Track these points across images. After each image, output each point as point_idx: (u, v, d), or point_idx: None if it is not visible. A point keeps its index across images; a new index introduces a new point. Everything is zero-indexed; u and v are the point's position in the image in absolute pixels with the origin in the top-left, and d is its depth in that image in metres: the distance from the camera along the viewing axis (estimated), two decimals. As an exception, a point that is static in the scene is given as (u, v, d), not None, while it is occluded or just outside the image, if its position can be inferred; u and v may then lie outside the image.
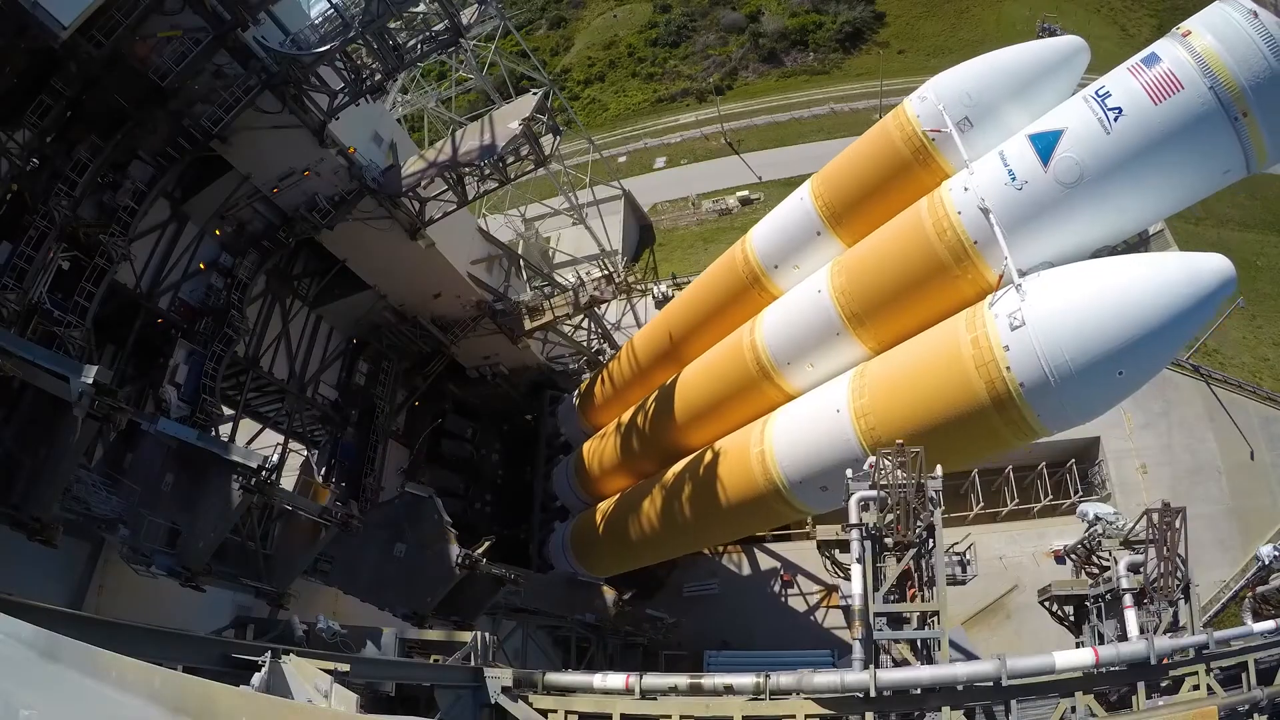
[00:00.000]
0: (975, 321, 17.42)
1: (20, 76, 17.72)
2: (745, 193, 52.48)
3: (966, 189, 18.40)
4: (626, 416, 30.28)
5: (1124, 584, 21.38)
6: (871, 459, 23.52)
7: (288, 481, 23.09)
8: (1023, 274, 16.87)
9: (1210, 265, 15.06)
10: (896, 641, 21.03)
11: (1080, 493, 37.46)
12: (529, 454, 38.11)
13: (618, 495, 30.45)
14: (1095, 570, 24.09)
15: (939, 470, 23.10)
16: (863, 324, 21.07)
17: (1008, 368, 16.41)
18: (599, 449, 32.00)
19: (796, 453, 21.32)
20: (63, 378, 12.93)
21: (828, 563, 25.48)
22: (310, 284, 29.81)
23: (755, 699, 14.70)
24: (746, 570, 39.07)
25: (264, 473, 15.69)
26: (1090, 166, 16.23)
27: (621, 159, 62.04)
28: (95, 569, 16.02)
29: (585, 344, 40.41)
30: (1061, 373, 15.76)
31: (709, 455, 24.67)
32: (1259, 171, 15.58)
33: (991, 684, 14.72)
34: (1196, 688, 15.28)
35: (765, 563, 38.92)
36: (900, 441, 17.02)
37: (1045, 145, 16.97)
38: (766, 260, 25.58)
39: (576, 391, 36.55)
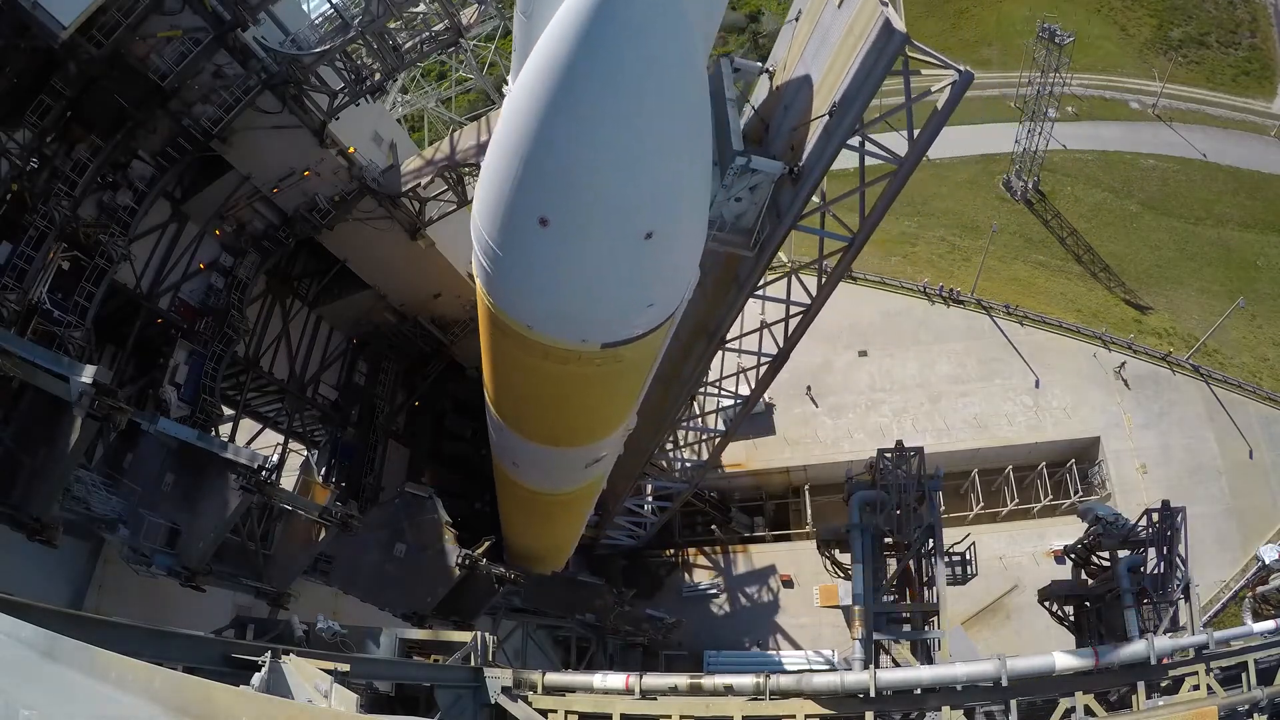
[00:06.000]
0: None
1: (20, 76, 17.71)
2: (745, 193, 52.42)
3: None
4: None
5: (1124, 584, 21.39)
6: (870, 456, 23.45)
7: (288, 481, 23.09)
8: None
9: None
10: (896, 641, 21.11)
11: (1080, 493, 37.51)
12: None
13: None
14: (1095, 570, 24.12)
15: (940, 470, 23.20)
16: None
17: (470, 274, 12.49)
18: None
19: None
20: (63, 378, 12.94)
21: (828, 563, 25.49)
22: (310, 284, 29.81)
23: (755, 699, 14.71)
24: (746, 570, 39.11)
25: (264, 473, 15.69)
26: None
27: (621, 159, 62.05)
28: (95, 569, 16.05)
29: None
30: (482, 247, 11.27)
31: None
32: None
33: (991, 684, 14.73)
34: (1196, 688, 15.28)
35: (765, 562, 38.96)
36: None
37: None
38: None
39: None
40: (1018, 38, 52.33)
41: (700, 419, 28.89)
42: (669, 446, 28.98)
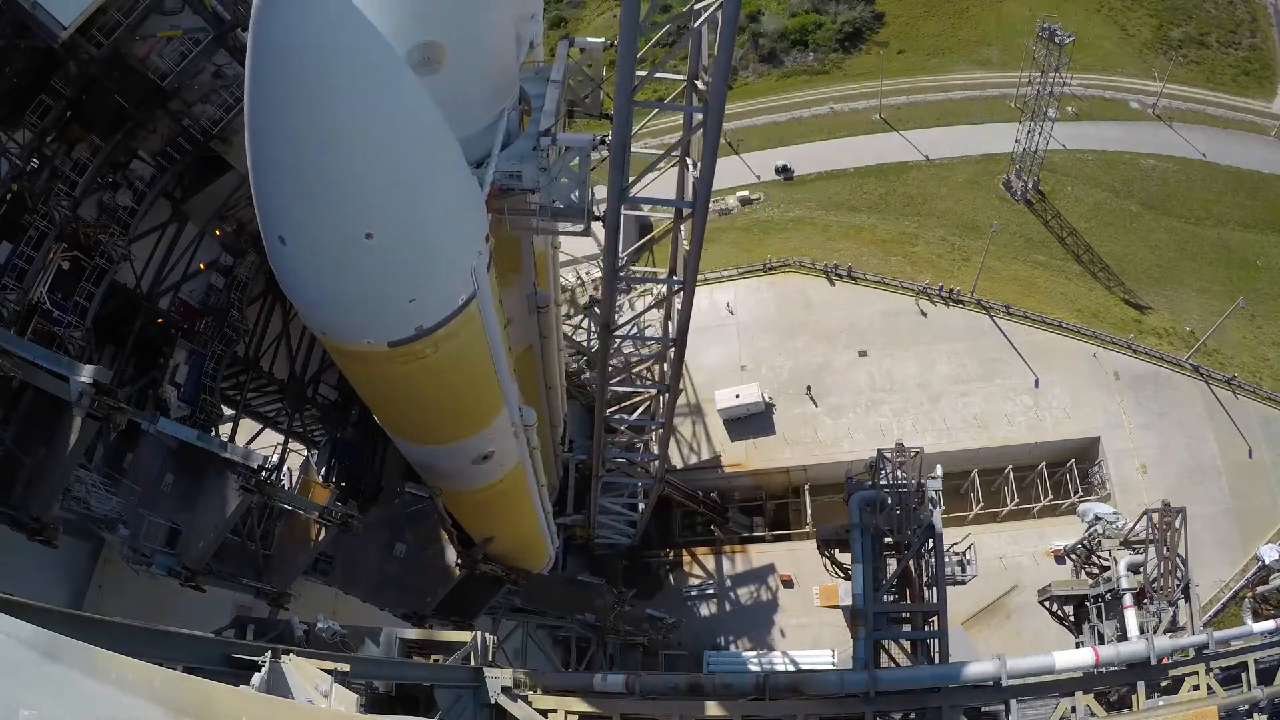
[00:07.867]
0: None
1: (20, 76, 17.70)
2: (745, 192, 52.42)
3: None
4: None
5: (1124, 584, 21.38)
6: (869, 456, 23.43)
7: (288, 482, 23.05)
8: None
9: None
10: (896, 641, 21.14)
11: (1080, 493, 37.51)
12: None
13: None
14: (1095, 570, 24.10)
15: (939, 470, 23.21)
16: None
17: None
18: None
19: None
20: (63, 378, 12.94)
21: (827, 563, 25.48)
22: (310, 284, 29.77)
23: (755, 699, 14.72)
24: (746, 570, 39.11)
25: (264, 473, 15.69)
26: None
27: (621, 159, 61.97)
28: (95, 569, 16.05)
29: (585, 344, 40.41)
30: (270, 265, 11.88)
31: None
32: None
33: (991, 684, 14.74)
34: (1196, 688, 15.29)
35: (764, 562, 38.95)
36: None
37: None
38: None
39: None
40: (1018, 38, 52.32)
41: (645, 411, 28.72)
42: (619, 442, 28.91)
